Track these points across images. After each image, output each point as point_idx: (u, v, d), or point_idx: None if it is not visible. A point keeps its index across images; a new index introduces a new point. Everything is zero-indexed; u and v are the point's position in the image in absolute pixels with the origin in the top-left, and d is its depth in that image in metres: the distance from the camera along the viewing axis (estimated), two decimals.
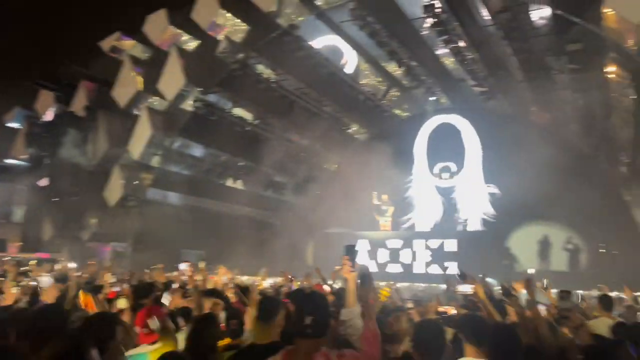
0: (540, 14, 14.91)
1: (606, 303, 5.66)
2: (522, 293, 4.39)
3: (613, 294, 9.20)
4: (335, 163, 23.38)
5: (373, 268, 18.36)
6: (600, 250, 17.95)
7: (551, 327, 3.96)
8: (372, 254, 19.24)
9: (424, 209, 21.76)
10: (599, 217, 17.12)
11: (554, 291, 5.63)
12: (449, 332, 3.87)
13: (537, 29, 15.12)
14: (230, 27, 17.94)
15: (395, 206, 21.02)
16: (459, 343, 3.54)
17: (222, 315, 4.82)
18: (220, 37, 17.41)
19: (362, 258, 19.31)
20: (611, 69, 16.39)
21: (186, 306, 5.06)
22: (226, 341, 3.97)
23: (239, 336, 4.08)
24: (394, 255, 19.04)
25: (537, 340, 3.74)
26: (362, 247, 19.46)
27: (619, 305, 9.24)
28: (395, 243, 19.31)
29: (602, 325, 4.87)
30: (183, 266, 5.52)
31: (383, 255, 19.20)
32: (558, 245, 18.58)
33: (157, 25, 17.80)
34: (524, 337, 3.33)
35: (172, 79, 16.94)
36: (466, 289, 4.15)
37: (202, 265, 8.70)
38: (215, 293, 6.13)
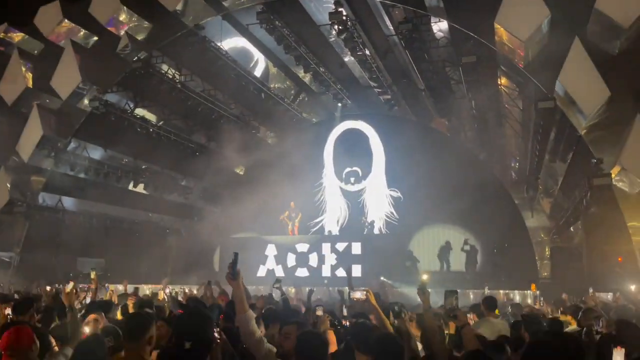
0: (439, 27, 15.64)
1: (490, 304, 5.97)
2: None
3: (502, 292, 9.84)
4: (244, 166, 23.09)
5: (280, 272, 18.27)
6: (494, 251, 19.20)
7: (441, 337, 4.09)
8: (281, 259, 19.13)
9: (333, 213, 22.13)
10: (492, 220, 18.30)
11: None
12: None
13: (437, 40, 15.85)
14: (132, 24, 17.09)
15: (304, 210, 21.11)
16: (350, 352, 3.56)
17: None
18: (121, 33, 16.54)
19: (270, 263, 19.17)
20: (502, 81, 17.62)
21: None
22: None
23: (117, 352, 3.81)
24: (302, 259, 19.03)
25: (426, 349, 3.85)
26: (270, 251, 19.32)
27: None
28: (304, 247, 19.30)
29: (485, 324, 5.15)
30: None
31: (291, 259, 19.15)
32: (456, 246, 19.63)
33: (51, 18, 16.53)
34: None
35: (67, 76, 15.82)
36: (359, 295, 4.15)
37: (93, 275, 8.15)
38: (103, 306, 5.75)
